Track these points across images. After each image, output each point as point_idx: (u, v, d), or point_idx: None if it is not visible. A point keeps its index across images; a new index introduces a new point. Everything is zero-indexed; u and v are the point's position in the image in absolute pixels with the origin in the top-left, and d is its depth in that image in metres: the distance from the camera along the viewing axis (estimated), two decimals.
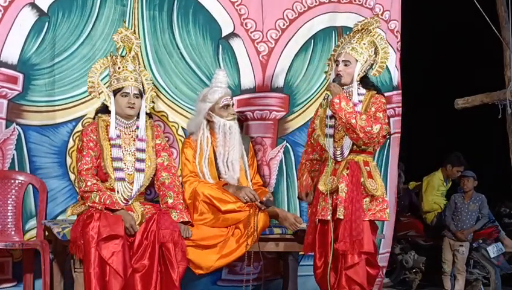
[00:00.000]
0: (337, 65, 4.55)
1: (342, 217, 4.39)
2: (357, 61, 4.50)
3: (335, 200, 4.45)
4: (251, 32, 5.48)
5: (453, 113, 6.36)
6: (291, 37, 5.57)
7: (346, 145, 4.50)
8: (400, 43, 5.92)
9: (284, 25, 5.56)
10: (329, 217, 4.44)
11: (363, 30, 4.58)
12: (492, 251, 6.69)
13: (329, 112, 4.54)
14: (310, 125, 4.81)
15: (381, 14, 5.81)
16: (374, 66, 4.59)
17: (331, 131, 4.55)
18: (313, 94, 5.62)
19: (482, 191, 6.86)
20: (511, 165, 5.34)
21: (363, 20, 4.63)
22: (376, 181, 4.48)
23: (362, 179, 4.44)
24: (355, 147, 4.48)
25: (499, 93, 5.49)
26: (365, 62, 4.53)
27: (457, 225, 6.62)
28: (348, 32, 4.77)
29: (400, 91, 5.92)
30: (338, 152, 4.52)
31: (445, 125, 9.53)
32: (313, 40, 5.64)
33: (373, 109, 4.44)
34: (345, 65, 4.51)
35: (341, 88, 4.47)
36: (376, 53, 4.57)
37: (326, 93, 4.53)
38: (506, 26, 5.56)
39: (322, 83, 5.59)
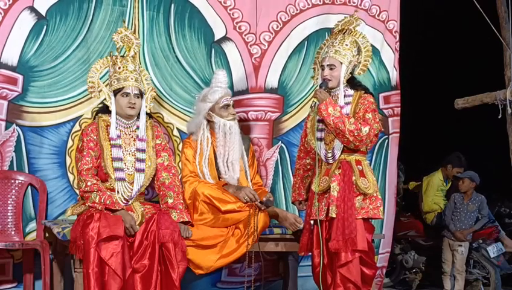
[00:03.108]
0: (322, 70, 4.55)
1: (334, 215, 4.41)
2: (341, 63, 4.51)
3: (328, 199, 4.46)
4: (245, 35, 5.50)
5: (453, 113, 6.36)
6: (285, 39, 5.59)
7: (337, 147, 4.51)
8: (398, 43, 5.92)
9: (277, 27, 5.58)
10: (322, 217, 4.46)
11: (344, 30, 4.58)
12: (492, 251, 6.68)
13: (318, 116, 4.55)
14: (303, 129, 4.82)
15: (378, 15, 5.82)
16: (358, 66, 4.59)
17: (321, 134, 4.57)
18: (306, 95, 5.64)
19: (482, 191, 6.84)
20: (511, 165, 5.34)
21: (343, 20, 4.61)
22: (368, 179, 4.48)
23: (354, 178, 4.44)
24: (346, 148, 4.49)
25: (499, 93, 5.49)
26: (350, 63, 4.53)
27: (456, 224, 6.60)
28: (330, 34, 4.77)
29: (399, 91, 5.93)
30: (329, 155, 4.54)
31: (445, 125, 9.52)
32: (306, 42, 5.65)
33: (362, 110, 4.45)
34: (330, 69, 4.52)
35: (327, 94, 4.48)
36: (359, 52, 4.57)
37: (313, 100, 4.52)
38: (506, 26, 5.56)
39: (314, 84, 5.59)
